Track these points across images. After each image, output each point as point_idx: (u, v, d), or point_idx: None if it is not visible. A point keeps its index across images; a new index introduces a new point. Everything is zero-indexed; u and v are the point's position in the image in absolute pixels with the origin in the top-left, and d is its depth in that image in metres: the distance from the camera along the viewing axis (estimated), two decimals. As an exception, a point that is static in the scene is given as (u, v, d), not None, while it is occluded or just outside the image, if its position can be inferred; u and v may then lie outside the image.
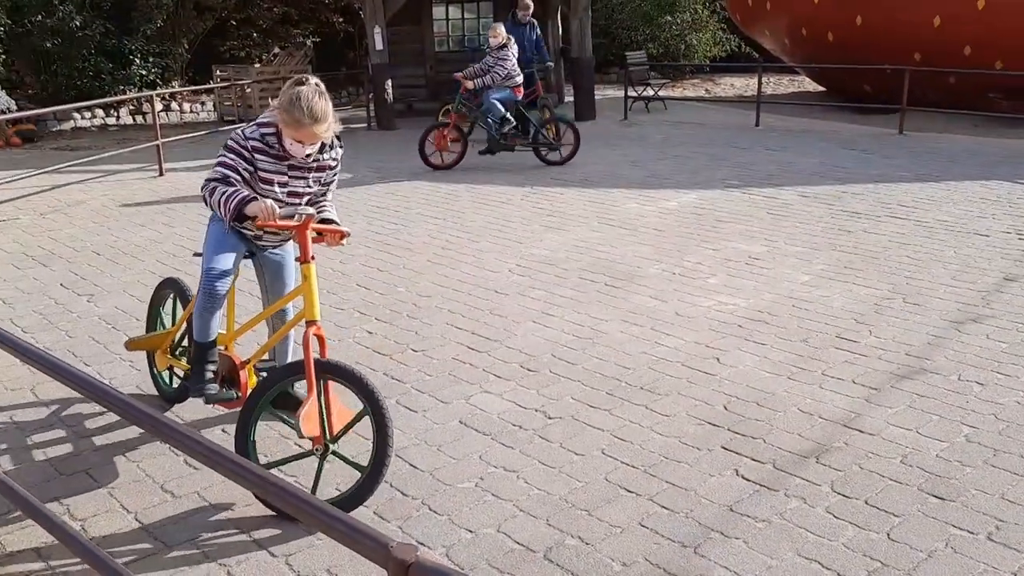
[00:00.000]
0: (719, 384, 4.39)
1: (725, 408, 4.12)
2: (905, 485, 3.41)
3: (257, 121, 3.50)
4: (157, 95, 13.67)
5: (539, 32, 12.36)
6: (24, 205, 9.12)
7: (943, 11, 13.13)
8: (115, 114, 16.28)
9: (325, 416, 3.30)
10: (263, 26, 17.29)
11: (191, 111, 17.16)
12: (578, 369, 4.63)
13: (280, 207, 3.41)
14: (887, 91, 13.26)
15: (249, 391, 3.59)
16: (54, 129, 15.32)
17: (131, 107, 16.34)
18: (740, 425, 3.94)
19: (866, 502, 3.30)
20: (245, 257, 3.78)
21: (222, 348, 3.78)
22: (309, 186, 3.61)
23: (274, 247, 3.84)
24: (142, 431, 3.89)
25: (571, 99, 15.26)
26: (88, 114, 15.93)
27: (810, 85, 18.65)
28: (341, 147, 3.66)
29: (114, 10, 16.28)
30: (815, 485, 3.43)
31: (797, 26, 15.47)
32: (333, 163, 3.64)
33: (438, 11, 15.92)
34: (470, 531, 3.21)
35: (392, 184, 9.75)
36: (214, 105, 16.93)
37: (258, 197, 3.37)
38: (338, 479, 3.54)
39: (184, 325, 4.08)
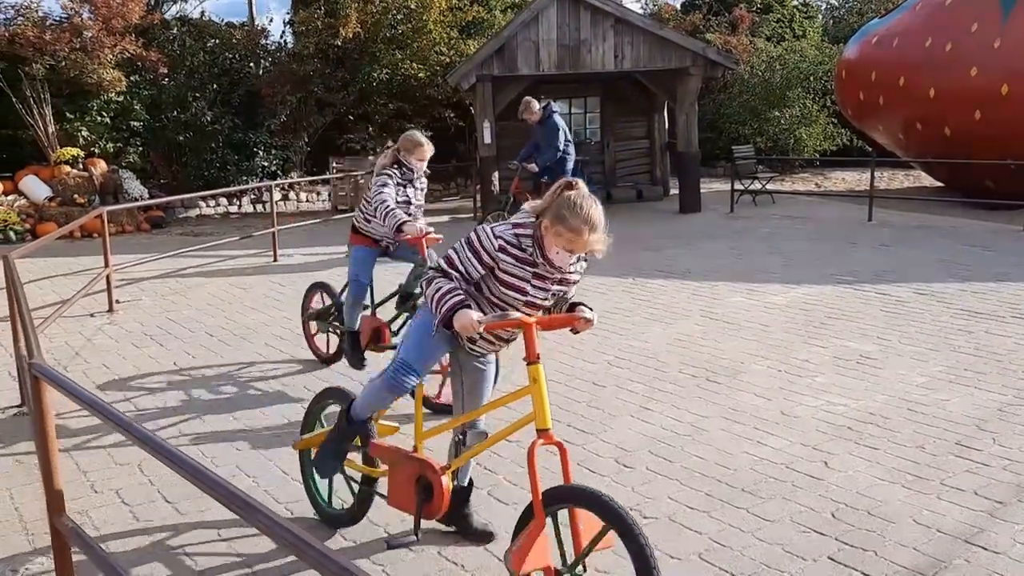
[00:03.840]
0: (826, 490, 4.15)
1: (833, 516, 3.89)
2: (1036, 612, 3.11)
3: (512, 221, 3.25)
4: (276, 185, 14.42)
5: (548, 131, 11.00)
6: (148, 287, 9.66)
7: (1068, 106, 12.63)
8: (237, 203, 17.24)
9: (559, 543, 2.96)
10: (379, 120, 18.12)
11: (307, 200, 18.00)
12: (676, 467, 4.47)
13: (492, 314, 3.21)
14: (1011, 186, 12.71)
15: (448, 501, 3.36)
16: (181, 216, 16.31)
17: (252, 196, 17.28)
18: (849, 535, 3.70)
19: (991, 629, 3.02)
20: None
21: (412, 449, 3.55)
22: (547, 299, 3.32)
23: (482, 355, 3.54)
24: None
25: (676, 192, 15.27)
26: (212, 202, 16.91)
27: (926, 180, 18.11)
28: (586, 259, 3.36)
29: (242, 106, 17.44)
30: (933, 606, 3.16)
31: (912, 121, 15.14)
32: (578, 276, 3.36)
33: (546, 106, 16.34)
34: (557, 633, 3.08)
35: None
36: (329, 195, 17.72)
37: (471, 306, 3.15)
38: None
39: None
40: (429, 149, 5.69)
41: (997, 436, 4.72)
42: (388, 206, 5.42)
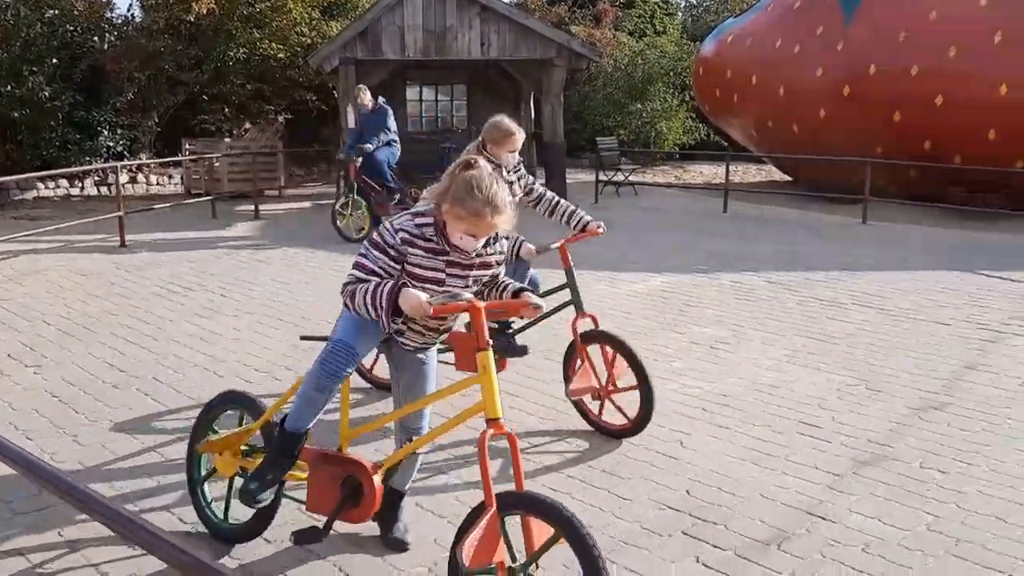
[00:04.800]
0: (682, 468, 4.28)
1: (688, 493, 4.01)
2: (866, 574, 3.30)
3: (412, 211, 3.07)
4: (123, 166, 13.64)
5: (379, 117, 11.11)
6: (-20, 272, 8.93)
7: (903, 108, 13.57)
8: (79, 185, 16.20)
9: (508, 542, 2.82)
10: (235, 101, 17.44)
11: (158, 183, 17.13)
12: (539, 451, 4.51)
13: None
14: (852, 181, 13.56)
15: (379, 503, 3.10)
16: (16, 198, 15.19)
17: (96, 178, 16.29)
18: (702, 510, 3.83)
19: (830, 594, 3.19)
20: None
21: (336, 449, 3.30)
22: (468, 286, 3.13)
23: (420, 347, 3.32)
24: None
25: (542, 182, 15.44)
26: (52, 183, 15.84)
27: (777, 174, 19.08)
28: (507, 238, 3.21)
29: (85, 82, 16.38)
30: (776, 573, 3.31)
31: (764, 118, 15.89)
32: (499, 259, 3.16)
33: (411, 92, 16.20)
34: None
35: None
36: (182, 178, 16.93)
37: (408, 285, 2.94)
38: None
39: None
40: (520, 137, 4.75)
41: (836, 414, 5.00)
42: None
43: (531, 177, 5.07)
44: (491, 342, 2.88)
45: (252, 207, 13.46)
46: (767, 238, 11.25)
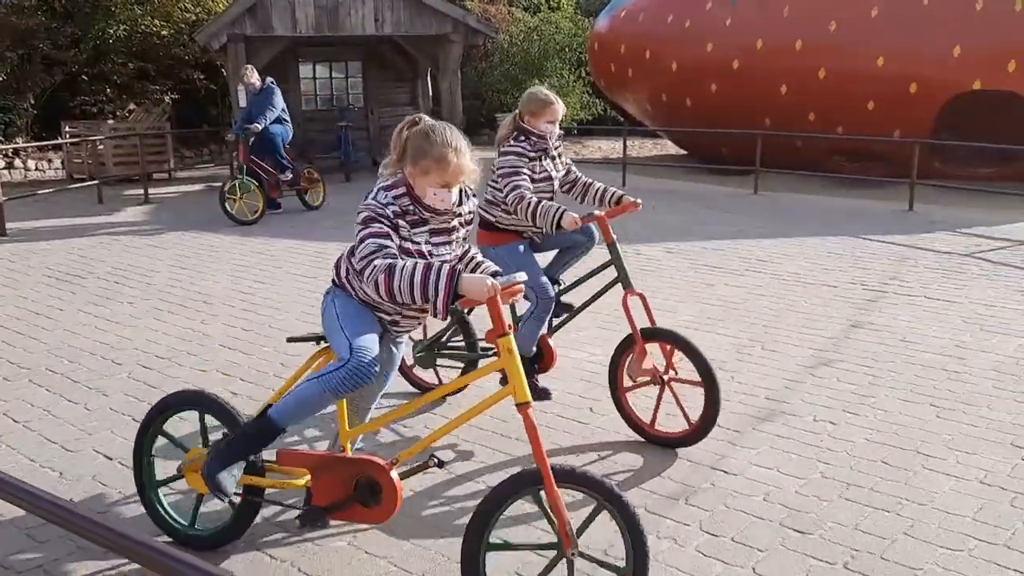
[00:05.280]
0: (592, 432, 4.41)
1: (599, 456, 4.14)
2: (768, 521, 3.49)
3: (377, 187, 2.91)
4: None
5: (266, 96, 10.81)
6: None
7: (789, 80, 14.10)
8: (-50, 171, 15.27)
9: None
10: (117, 81, 16.69)
11: (37, 169, 16.29)
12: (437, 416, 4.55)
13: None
14: (742, 154, 14.03)
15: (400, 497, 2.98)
16: None
17: (-31, 164, 15.37)
18: (613, 470, 3.96)
19: (732, 539, 3.36)
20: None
21: (340, 450, 3.14)
22: (453, 250, 3.05)
23: (403, 333, 3.24)
24: None
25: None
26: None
27: (672, 148, 19.53)
28: (473, 195, 3.10)
29: (-46, 63, 15.41)
30: (685, 525, 3.47)
31: (657, 93, 16.23)
32: (470, 215, 3.04)
33: (305, 69, 15.85)
34: (339, 594, 3.06)
35: (260, 241, 9.50)
36: (62, 163, 16.14)
37: (456, 269, 2.69)
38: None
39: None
40: (560, 107, 4.49)
41: (735, 374, 5.23)
42: (529, 201, 4.25)
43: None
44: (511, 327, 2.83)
45: (141, 191, 12.96)
46: (664, 210, 11.55)
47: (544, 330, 4.58)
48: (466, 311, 4.61)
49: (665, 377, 4.21)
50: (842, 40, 13.60)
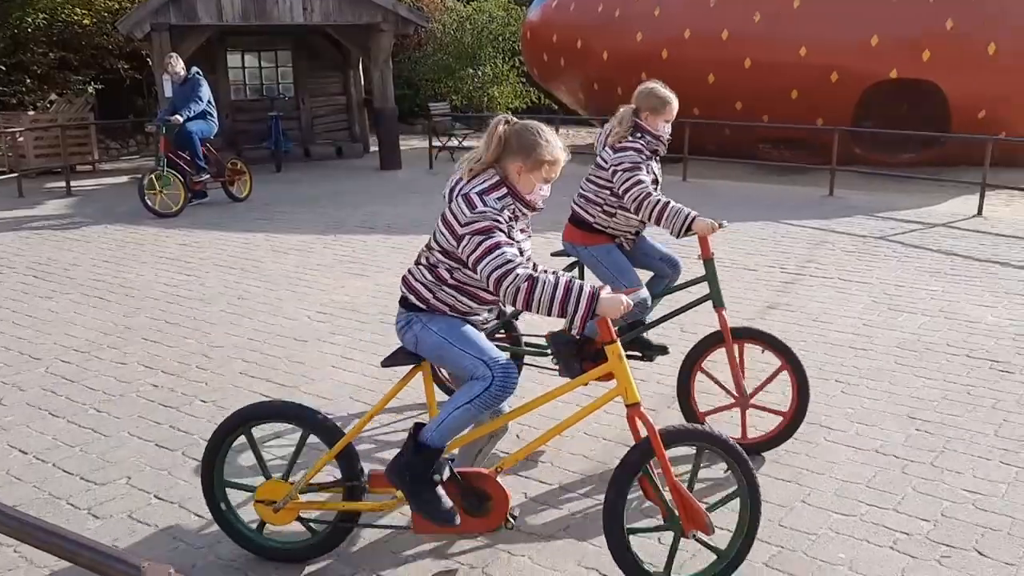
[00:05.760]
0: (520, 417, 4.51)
1: (517, 436, 4.24)
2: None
3: (477, 192, 2.85)
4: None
5: (192, 87, 10.53)
6: None
7: (716, 70, 14.39)
8: None
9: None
10: (38, 72, 16.20)
11: (-47, 162, 15.73)
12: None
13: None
14: (672, 141, 14.25)
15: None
16: None
17: None
18: (534, 453, 4.06)
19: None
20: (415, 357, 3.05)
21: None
22: (529, 243, 3.05)
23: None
24: None
25: (377, 149, 15.34)
26: None
27: (604, 137, 19.74)
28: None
29: None
30: (599, 501, 3.59)
31: (589, 82, 16.40)
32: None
33: (233, 59, 15.60)
34: (255, 571, 3.11)
35: (185, 232, 9.38)
36: (-18, 155, 15.62)
37: (596, 289, 2.74)
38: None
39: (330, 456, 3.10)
40: (676, 106, 4.33)
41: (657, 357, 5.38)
42: (658, 200, 4.07)
43: None
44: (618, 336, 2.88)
45: (63, 183, 12.65)
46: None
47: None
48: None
49: (741, 405, 4.06)
50: (766, 31, 13.93)
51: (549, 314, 2.73)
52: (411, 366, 3.06)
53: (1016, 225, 9.48)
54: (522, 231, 2.98)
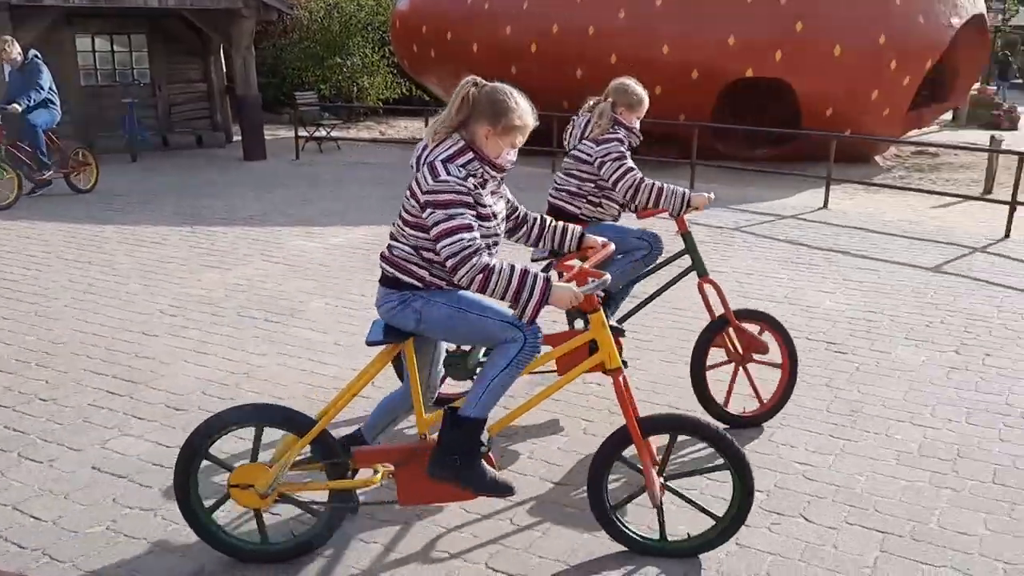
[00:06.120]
0: (376, 403, 4.48)
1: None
2: (558, 464, 3.69)
3: (441, 160, 2.81)
4: None
5: (31, 74, 9.85)
6: None
7: (583, 64, 14.66)
8: None
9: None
10: None
11: None
12: (228, 404, 4.48)
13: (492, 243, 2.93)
14: (544, 135, 14.45)
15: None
16: None
17: None
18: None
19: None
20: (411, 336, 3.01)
21: (420, 438, 3.06)
22: (502, 203, 3.04)
23: None
24: None
25: (240, 139, 14.86)
26: None
27: (476, 129, 19.81)
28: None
29: None
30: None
31: (460, 73, 16.27)
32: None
33: (82, 42, 14.75)
34: (95, 573, 2.97)
35: (28, 224, 8.82)
36: None
37: (549, 278, 2.78)
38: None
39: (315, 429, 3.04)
40: (647, 104, 4.46)
41: (516, 344, 5.46)
42: (652, 182, 4.24)
43: None
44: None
45: None
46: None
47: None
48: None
49: (742, 360, 4.27)
50: (630, 27, 14.30)
51: (505, 300, 2.76)
52: (390, 344, 3.02)
53: (857, 217, 10.12)
54: (493, 193, 2.95)
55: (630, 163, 4.31)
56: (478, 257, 2.72)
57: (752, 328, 4.30)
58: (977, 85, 22.59)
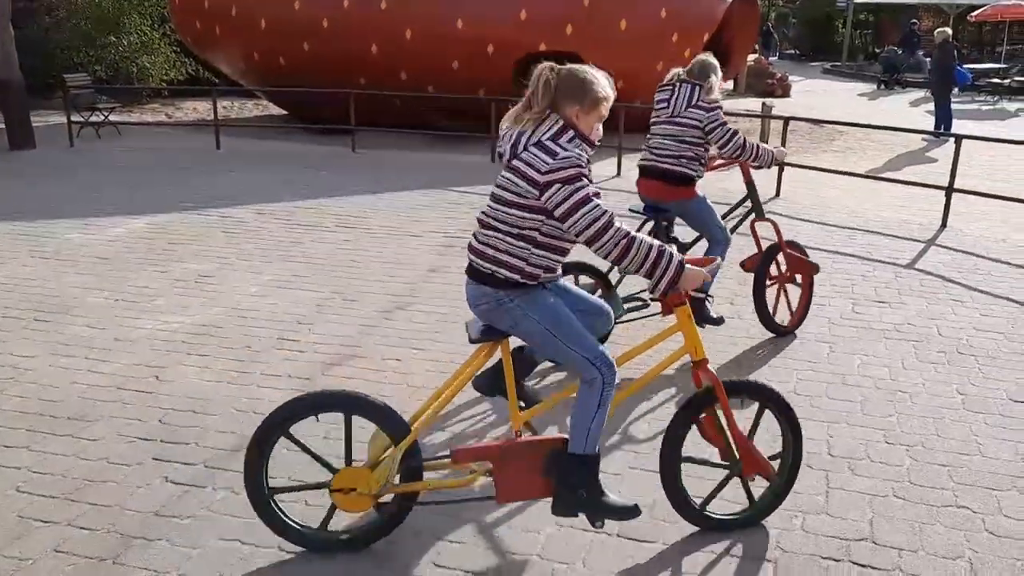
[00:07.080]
0: (156, 400, 4.23)
1: (160, 422, 3.99)
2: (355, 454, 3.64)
3: (548, 138, 2.80)
4: None
5: None
6: None
7: (378, 40, 14.43)
8: None
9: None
10: None
11: None
12: (-10, 413, 4.09)
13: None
14: (343, 113, 14.13)
15: None
16: None
17: None
18: (173, 435, 3.85)
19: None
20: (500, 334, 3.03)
21: (515, 435, 3.09)
22: None
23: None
24: None
25: (3, 126, 13.52)
26: None
27: (275, 109, 19.09)
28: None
29: None
30: (240, 474, 3.48)
31: (249, 52, 15.70)
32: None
33: None
34: None
35: None
36: None
37: (683, 260, 2.85)
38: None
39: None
40: None
41: (312, 327, 5.33)
42: (751, 141, 4.85)
43: None
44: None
45: None
46: (259, 172, 11.30)
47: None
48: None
49: (783, 281, 5.30)
50: (423, 2, 14.21)
51: (637, 272, 2.80)
52: (491, 341, 3.05)
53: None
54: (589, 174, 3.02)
55: (732, 127, 4.88)
56: (620, 224, 2.78)
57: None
58: (753, 56, 24.33)
